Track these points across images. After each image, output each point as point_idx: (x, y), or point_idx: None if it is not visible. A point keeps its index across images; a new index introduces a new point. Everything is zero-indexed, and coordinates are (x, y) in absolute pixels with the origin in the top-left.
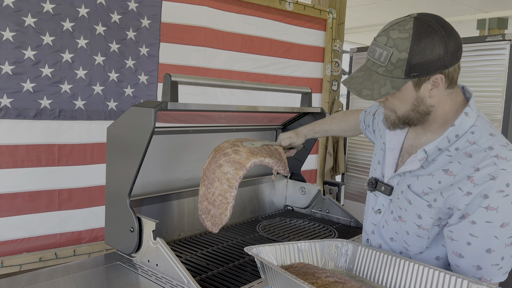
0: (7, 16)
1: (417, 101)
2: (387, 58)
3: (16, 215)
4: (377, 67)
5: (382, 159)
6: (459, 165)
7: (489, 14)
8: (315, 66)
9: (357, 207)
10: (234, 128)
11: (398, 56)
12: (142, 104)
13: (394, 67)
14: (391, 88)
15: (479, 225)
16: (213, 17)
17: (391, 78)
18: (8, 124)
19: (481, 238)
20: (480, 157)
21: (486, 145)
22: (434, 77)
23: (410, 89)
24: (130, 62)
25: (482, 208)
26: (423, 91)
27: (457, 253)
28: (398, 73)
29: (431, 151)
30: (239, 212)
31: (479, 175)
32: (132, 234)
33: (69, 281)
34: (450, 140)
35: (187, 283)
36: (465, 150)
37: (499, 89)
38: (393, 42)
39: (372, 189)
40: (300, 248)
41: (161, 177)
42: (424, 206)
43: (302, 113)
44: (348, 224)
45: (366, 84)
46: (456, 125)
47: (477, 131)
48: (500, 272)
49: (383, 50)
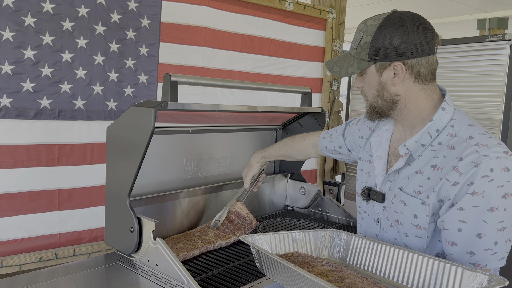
0: (7, 16)
1: (380, 86)
2: (357, 41)
3: (16, 215)
4: (351, 49)
5: (371, 170)
6: (444, 158)
7: (489, 14)
8: (315, 66)
9: None
10: (234, 128)
11: (365, 39)
12: (142, 104)
13: (362, 49)
14: (357, 69)
15: (467, 210)
16: (213, 17)
17: (358, 60)
18: (8, 124)
19: (470, 223)
20: (462, 147)
21: (466, 135)
22: (394, 64)
23: (374, 73)
24: (130, 62)
25: (468, 194)
26: (385, 77)
27: (450, 241)
28: (363, 55)
29: (411, 146)
30: None
31: (463, 164)
32: (132, 234)
33: (69, 281)
34: (431, 135)
35: (187, 283)
36: (448, 143)
37: (499, 89)
38: (366, 27)
39: (366, 198)
40: (294, 237)
41: (161, 177)
42: (418, 204)
43: (302, 113)
44: (348, 224)
45: (339, 63)
46: (435, 120)
47: (456, 124)
48: (495, 257)
49: (358, 34)
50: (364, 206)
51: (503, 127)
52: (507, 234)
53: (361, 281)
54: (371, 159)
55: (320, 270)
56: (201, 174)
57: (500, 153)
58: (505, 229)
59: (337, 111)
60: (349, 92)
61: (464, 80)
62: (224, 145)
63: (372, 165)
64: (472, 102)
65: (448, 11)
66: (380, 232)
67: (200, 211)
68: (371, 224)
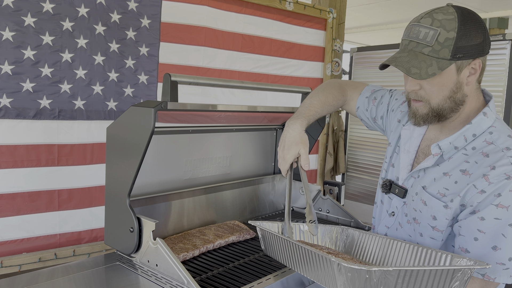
0: (6, 16)
1: (456, 86)
2: (434, 38)
3: (16, 215)
4: (422, 47)
5: (396, 161)
6: (475, 164)
7: (489, 14)
8: (315, 66)
9: (358, 207)
10: (234, 128)
11: (446, 35)
12: (142, 104)
13: (441, 47)
14: (437, 69)
15: (487, 221)
16: (213, 17)
17: (437, 59)
18: (7, 124)
19: (488, 234)
20: (497, 157)
21: (504, 146)
22: (474, 62)
23: (452, 72)
24: (130, 62)
25: (492, 205)
26: (463, 76)
27: (463, 248)
28: (445, 54)
29: (445, 147)
30: (239, 212)
31: (494, 173)
32: (131, 234)
33: (69, 281)
34: (467, 139)
35: (186, 283)
36: (482, 150)
37: (500, 89)
38: (439, 22)
39: (386, 191)
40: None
41: (161, 177)
42: (440, 207)
43: None
44: (348, 224)
45: (414, 63)
46: (474, 124)
47: (495, 132)
48: (506, 273)
49: (430, 30)
50: (380, 195)
51: None
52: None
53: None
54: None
55: None
56: (201, 174)
57: None
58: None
59: (337, 111)
60: None
61: None
62: (224, 145)
63: (398, 156)
64: None
65: None
66: (394, 226)
67: (200, 211)
68: (383, 214)
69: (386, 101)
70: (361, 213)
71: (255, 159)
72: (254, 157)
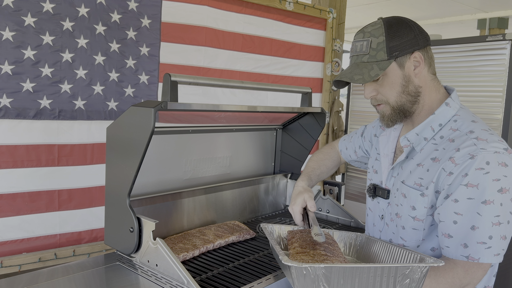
0: (6, 15)
1: (405, 80)
2: (368, 46)
3: (16, 215)
4: (362, 57)
5: (378, 167)
6: (443, 150)
7: (489, 14)
8: (315, 66)
9: (358, 207)
10: (234, 128)
11: (377, 41)
12: (142, 104)
13: (377, 51)
14: (379, 70)
15: (461, 202)
16: (214, 17)
17: (376, 62)
18: (7, 124)
19: (465, 215)
20: (461, 140)
21: (467, 130)
22: (413, 55)
23: (396, 69)
24: (131, 61)
25: (462, 185)
26: (408, 70)
27: (446, 233)
28: (382, 56)
29: (412, 138)
30: (239, 212)
31: (459, 155)
32: (131, 234)
33: (69, 281)
34: (434, 129)
35: (186, 283)
36: (449, 137)
37: (500, 89)
38: (369, 33)
39: (372, 195)
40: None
41: (161, 177)
42: (417, 196)
43: (302, 113)
44: (348, 224)
45: (356, 71)
46: (437, 114)
47: (459, 119)
48: (489, 252)
49: (363, 41)
50: (369, 203)
51: (503, 127)
52: (503, 230)
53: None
54: (378, 157)
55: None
56: (201, 174)
57: (499, 148)
58: (501, 224)
59: (337, 111)
60: (349, 92)
61: (464, 80)
62: (224, 145)
63: (379, 162)
64: (472, 102)
65: (448, 11)
66: (384, 228)
67: (200, 211)
68: (375, 220)
69: (359, 132)
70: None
71: (255, 159)
72: (254, 157)
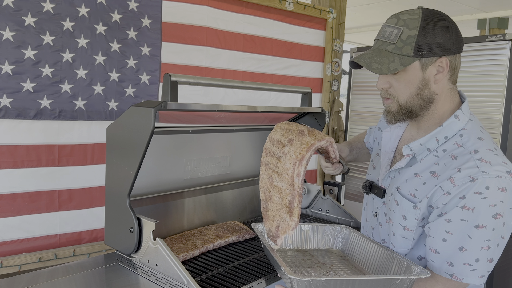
0: (7, 15)
1: (423, 83)
2: (397, 36)
3: (16, 215)
4: (387, 45)
5: (377, 163)
6: (444, 166)
7: (489, 14)
8: (315, 66)
9: (358, 207)
10: (234, 128)
11: (408, 33)
12: (142, 104)
13: (404, 44)
14: (400, 65)
15: (454, 223)
16: (214, 17)
17: (400, 56)
18: (8, 124)
19: (455, 235)
20: (464, 160)
21: (472, 148)
22: (440, 60)
23: (417, 69)
24: (132, 61)
25: (458, 207)
26: (429, 74)
27: (433, 249)
28: (407, 51)
29: (416, 149)
30: (239, 212)
31: (459, 176)
32: (131, 234)
33: (69, 281)
34: (439, 141)
35: (186, 283)
36: (452, 152)
37: (499, 89)
38: (403, 22)
39: (367, 191)
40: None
41: (161, 177)
42: (409, 207)
43: (303, 113)
44: (348, 224)
45: (376, 59)
46: (445, 127)
47: (466, 134)
48: (473, 274)
49: (393, 28)
50: (365, 198)
51: (503, 127)
52: (491, 254)
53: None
54: (379, 153)
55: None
56: (201, 174)
57: (502, 172)
58: (489, 248)
59: (337, 111)
60: (349, 92)
61: (464, 80)
62: (224, 145)
63: (379, 159)
64: (472, 102)
65: (448, 11)
66: (376, 226)
67: (200, 211)
68: (368, 215)
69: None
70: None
71: (255, 159)
72: (254, 157)
